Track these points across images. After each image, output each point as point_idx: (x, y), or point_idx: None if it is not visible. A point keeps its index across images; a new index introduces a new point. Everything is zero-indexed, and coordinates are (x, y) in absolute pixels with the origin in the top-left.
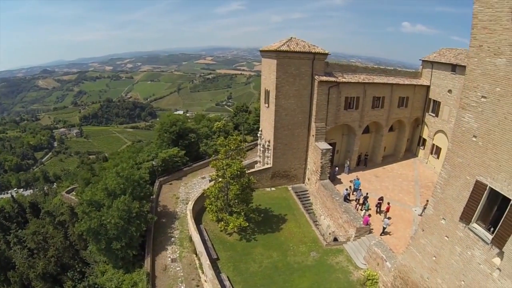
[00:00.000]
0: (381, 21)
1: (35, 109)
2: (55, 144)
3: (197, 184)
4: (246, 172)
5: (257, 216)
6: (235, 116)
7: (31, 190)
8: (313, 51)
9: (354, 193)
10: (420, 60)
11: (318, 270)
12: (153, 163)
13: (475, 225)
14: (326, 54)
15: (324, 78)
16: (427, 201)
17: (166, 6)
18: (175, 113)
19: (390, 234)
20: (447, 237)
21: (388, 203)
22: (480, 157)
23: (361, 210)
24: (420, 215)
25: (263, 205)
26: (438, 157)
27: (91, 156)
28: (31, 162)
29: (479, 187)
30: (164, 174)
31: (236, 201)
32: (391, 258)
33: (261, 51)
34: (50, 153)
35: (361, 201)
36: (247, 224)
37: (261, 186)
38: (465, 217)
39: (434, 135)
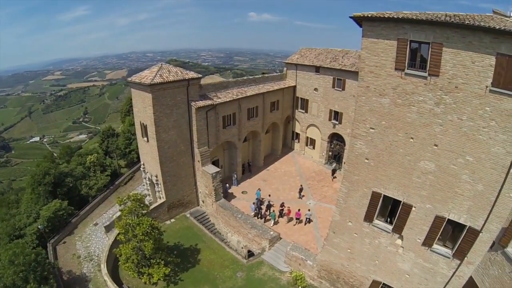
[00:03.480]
0: (229, 13)
1: None
2: None
3: (92, 234)
4: (155, 223)
5: (175, 258)
6: (103, 142)
7: None
8: (186, 77)
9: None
10: (284, 62)
11: (251, 287)
12: (39, 226)
13: (376, 221)
14: (200, 78)
15: (201, 104)
16: (301, 185)
17: (1, 17)
18: (30, 141)
19: (312, 220)
20: (356, 234)
21: (288, 207)
22: (373, 174)
23: (269, 216)
24: (300, 198)
25: (171, 241)
26: (313, 148)
27: None
28: None
29: (375, 195)
30: (53, 234)
31: (151, 252)
32: (310, 256)
33: (130, 82)
34: None
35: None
36: (169, 269)
37: (161, 221)
38: (368, 218)
39: (307, 128)
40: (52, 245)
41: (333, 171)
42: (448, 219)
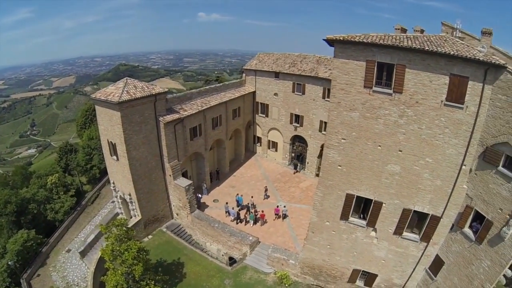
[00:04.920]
0: (177, 13)
1: None
2: None
3: (67, 261)
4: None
5: (162, 276)
6: (61, 159)
7: None
8: (153, 92)
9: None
10: (243, 68)
11: None
12: (9, 262)
13: (352, 219)
14: (166, 93)
15: (169, 118)
16: (266, 186)
17: None
18: None
19: (288, 216)
20: (334, 231)
21: (262, 211)
22: (346, 178)
23: (248, 215)
24: (265, 197)
25: (154, 258)
26: (276, 150)
27: None
28: None
29: (349, 197)
30: (25, 268)
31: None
32: (291, 256)
33: (94, 99)
34: None
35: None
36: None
37: (139, 239)
38: (344, 217)
39: (268, 132)
40: (26, 280)
41: (295, 165)
42: (414, 210)
